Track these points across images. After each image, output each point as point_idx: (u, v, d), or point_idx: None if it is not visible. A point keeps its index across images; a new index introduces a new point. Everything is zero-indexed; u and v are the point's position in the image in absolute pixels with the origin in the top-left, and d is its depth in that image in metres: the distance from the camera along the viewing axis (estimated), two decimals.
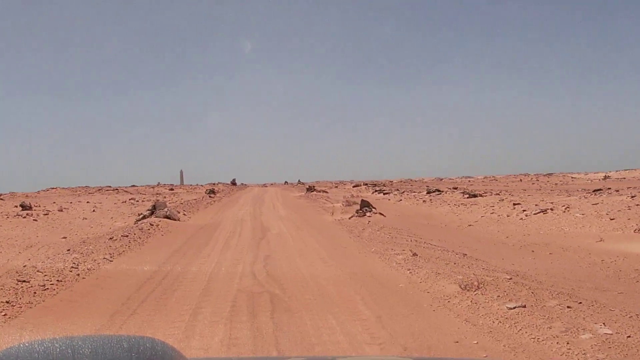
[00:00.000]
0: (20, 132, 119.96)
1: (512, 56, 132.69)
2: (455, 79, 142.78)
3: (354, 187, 49.76)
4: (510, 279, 6.69)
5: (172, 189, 50.13)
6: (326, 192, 37.31)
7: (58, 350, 1.04)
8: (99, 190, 46.53)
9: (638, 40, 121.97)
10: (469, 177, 77.01)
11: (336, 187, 53.78)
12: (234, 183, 67.17)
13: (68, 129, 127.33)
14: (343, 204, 20.81)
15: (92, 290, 6.95)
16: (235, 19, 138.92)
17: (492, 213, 17.21)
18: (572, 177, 59.86)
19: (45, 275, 7.32)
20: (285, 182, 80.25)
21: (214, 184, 63.37)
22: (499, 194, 24.10)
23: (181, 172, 69.82)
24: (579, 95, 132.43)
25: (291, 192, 42.80)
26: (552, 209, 15.80)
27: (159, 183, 69.31)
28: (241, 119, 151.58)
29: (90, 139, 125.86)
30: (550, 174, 67.51)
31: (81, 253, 9.62)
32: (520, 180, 58.47)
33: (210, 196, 35.61)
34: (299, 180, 74.39)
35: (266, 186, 74.73)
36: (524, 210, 16.35)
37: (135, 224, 15.45)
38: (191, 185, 65.78)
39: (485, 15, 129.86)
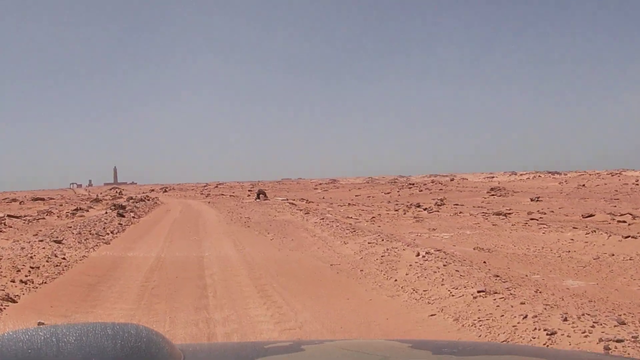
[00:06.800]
0: None
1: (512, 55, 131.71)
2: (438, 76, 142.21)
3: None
4: None
5: None
6: None
7: (42, 338, 1.04)
8: None
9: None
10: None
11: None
12: None
13: None
14: None
15: None
16: (177, 11, 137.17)
17: None
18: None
19: None
20: (253, 193, 38.01)
21: None
22: None
23: (115, 170, 58.18)
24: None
25: None
26: None
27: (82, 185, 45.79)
28: (180, 111, 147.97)
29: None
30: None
31: None
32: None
33: None
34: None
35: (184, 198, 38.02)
36: None
37: None
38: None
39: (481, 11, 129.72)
